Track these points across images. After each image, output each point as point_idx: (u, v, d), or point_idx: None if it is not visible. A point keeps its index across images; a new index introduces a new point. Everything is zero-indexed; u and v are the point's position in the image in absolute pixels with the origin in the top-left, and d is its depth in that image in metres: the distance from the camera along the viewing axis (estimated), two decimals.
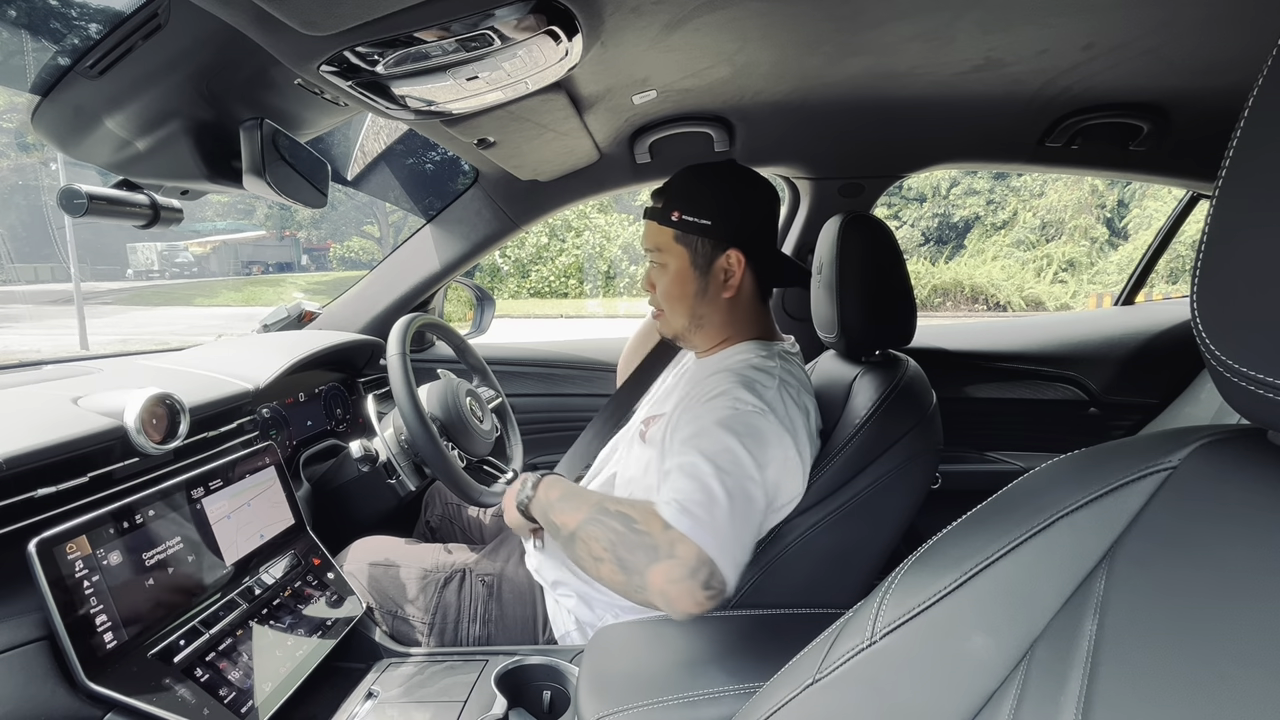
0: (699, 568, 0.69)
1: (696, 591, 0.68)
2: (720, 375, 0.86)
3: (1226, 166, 0.30)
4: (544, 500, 0.85)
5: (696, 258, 0.91)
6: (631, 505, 0.77)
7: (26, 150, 13.72)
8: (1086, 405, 1.66)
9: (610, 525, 0.75)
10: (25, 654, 0.67)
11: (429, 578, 1.04)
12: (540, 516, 0.86)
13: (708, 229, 0.90)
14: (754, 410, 0.80)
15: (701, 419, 0.80)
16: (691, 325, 0.95)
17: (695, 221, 0.89)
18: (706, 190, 0.91)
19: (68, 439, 0.76)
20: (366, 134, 1.45)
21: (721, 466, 0.75)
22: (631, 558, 0.72)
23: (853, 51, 0.99)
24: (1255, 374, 0.29)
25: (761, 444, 0.78)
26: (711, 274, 0.92)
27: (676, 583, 0.69)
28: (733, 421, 0.78)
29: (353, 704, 0.86)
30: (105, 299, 15.15)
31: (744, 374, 0.85)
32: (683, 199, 0.90)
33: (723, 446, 0.76)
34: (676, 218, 0.90)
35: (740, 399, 0.81)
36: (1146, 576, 0.32)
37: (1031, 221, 15.94)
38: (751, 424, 0.79)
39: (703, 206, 0.89)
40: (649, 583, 0.70)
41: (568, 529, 0.79)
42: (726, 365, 0.89)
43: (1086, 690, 0.31)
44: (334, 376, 1.44)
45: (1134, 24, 0.90)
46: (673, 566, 0.69)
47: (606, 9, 0.74)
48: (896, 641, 0.40)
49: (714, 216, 0.89)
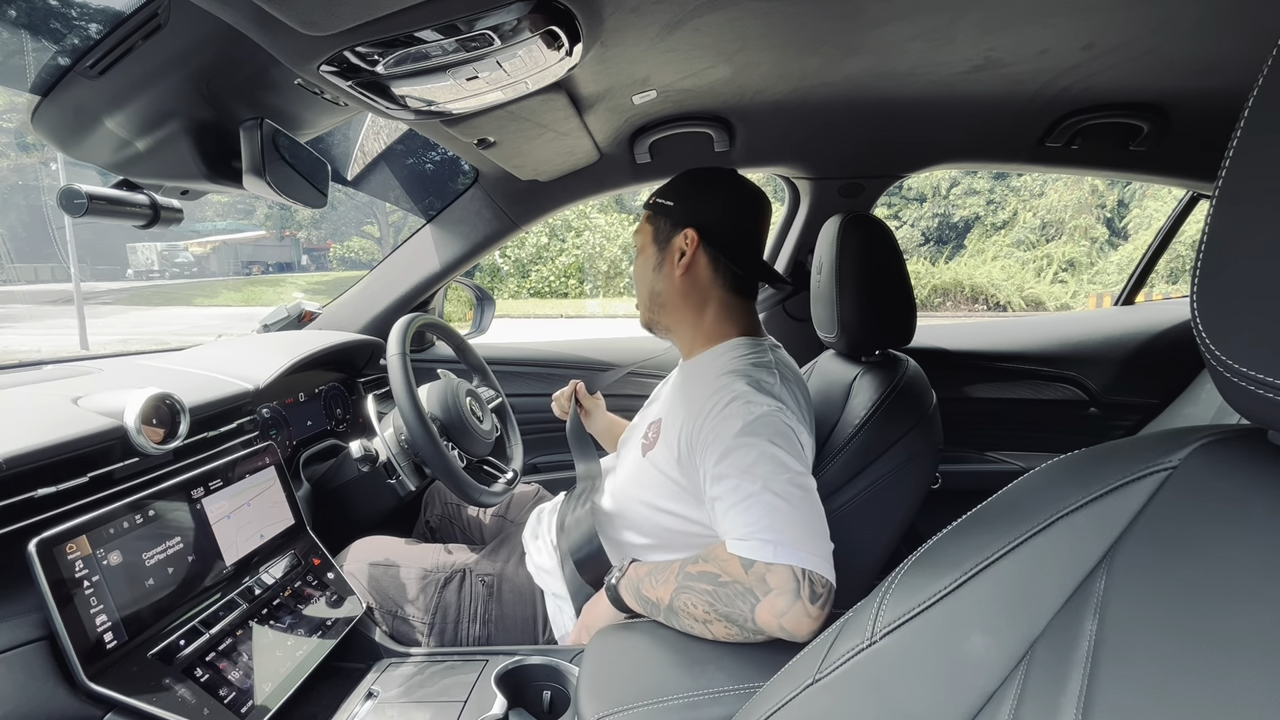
0: (799, 586, 0.68)
1: (808, 608, 0.68)
2: (722, 378, 0.84)
3: (1226, 166, 0.30)
4: (634, 579, 0.84)
5: (658, 234, 0.97)
6: (707, 559, 0.76)
7: (26, 150, 13.73)
8: (1086, 405, 1.66)
9: (700, 588, 0.74)
10: (25, 654, 0.67)
11: (429, 578, 1.04)
12: (633, 598, 0.84)
13: (669, 209, 0.96)
14: (770, 410, 0.79)
15: (721, 434, 0.79)
16: (652, 303, 0.99)
17: (661, 203, 0.97)
18: (683, 181, 0.98)
19: (68, 439, 0.76)
20: (366, 134, 1.45)
21: (765, 476, 0.74)
22: (734, 610, 0.71)
23: (853, 51, 0.99)
24: (1255, 374, 0.29)
25: (790, 440, 0.78)
26: (668, 250, 0.95)
27: (786, 612, 0.68)
28: (756, 425, 0.78)
29: (353, 704, 0.86)
30: (105, 299, 15.16)
31: (746, 373, 0.84)
32: (664, 189, 0.98)
33: (757, 455, 0.76)
34: (653, 200, 0.99)
35: (751, 401, 0.80)
36: (1146, 576, 0.32)
37: (1031, 221, 15.95)
38: (772, 423, 0.79)
39: (673, 192, 0.97)
40: (762, 624, 0.70)
41: (664, 604, 0.78)
42: (724, 367, 0.87)
43: (1086, 690, 0.31)
44: (334, 376, 1.44)
45: (1134, 24, 0.90)
46: (775, 600, 0.69)
47: (606, 9, 0.74)
48: (896, 641, 0.40)
49: (677, 199, 0.96)
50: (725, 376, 0.85)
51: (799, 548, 0.70)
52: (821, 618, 0.69)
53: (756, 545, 0.71)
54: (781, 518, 0.72)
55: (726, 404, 0.81)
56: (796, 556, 0.69)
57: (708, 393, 0.84)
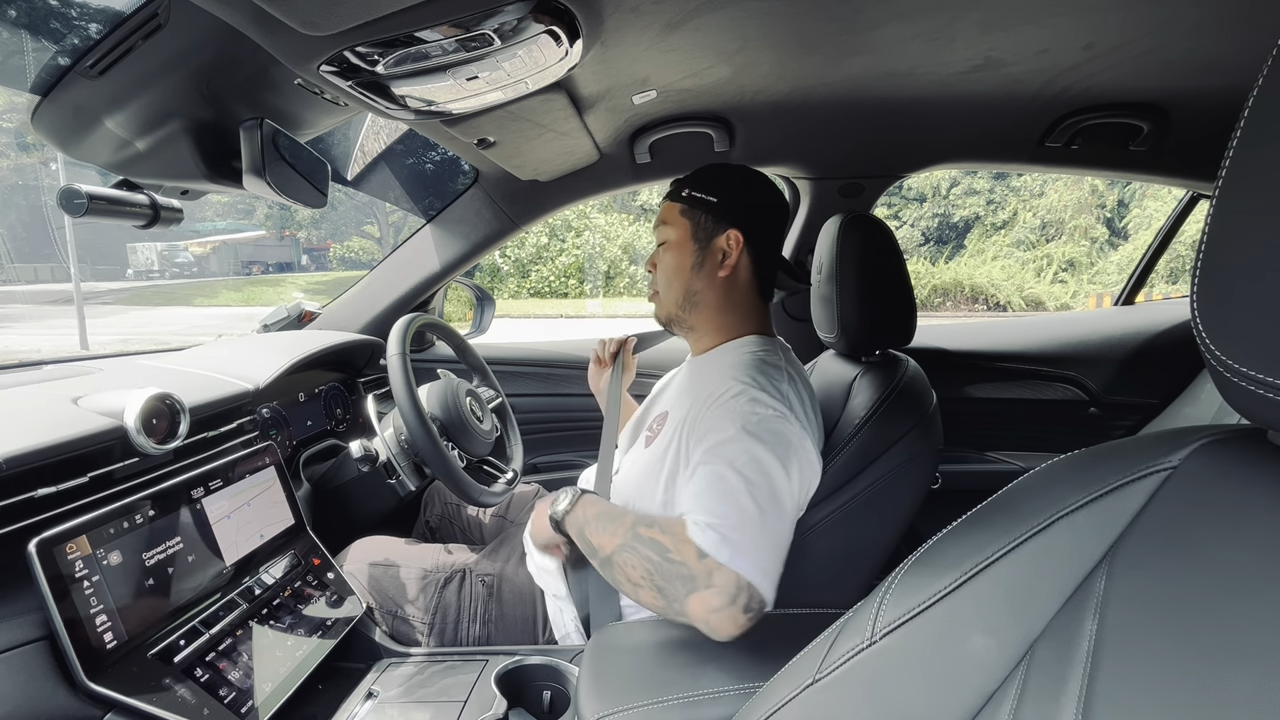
0: (738, 594, 0.69)
1: (738, 616, 0.69)
2: (732, 371, 0.85)
3: (1226, 166, 0.30)
4: (581, 517, 0.84)
5: (698, 230, 0.93)
6: (664, 530, 0.76)
7: (26, 150, 13.73)
8: (1086, 405, 1.66)
9: (645, 554, 0.74)
10: (25, 654, 0.67)
11: (429, 578, 1.04)
12: (575, 533, 0.84)
13: (713, 205, 0.92)
14: (775, 415, 0.79)
15: (723, 423, 0.79)
16: (685, 301, 0.95)
17: (703, 198, 0.93)
18: (721, 174, 0.95)
19: (68, 439, 0.76)
20: (366, 134, 1.45)
21: (751, 479, 0.74)
22: (669, 587, 0.72)
23: (853, 51, 0.99)
24: (1255, 374, 0.29)
25: (787, 448, 0.78)
26: (710, 249, 0.93)
27: (718, 611, 0.69)
28: (758, 428, 0.77)
29: (353, 704, 0.86)
30: (105, 299, 15.16)
31: (757, 370, 0.84)
32: (696, 180, 0.95)
33: (750, 456, 0.75)
34: (686, 194, 0.94)
35: (758, 399, 0.80)
36: (1146, 576, 0.32)
37: (1031, 221, 15.95)
38: (775, 429, 0.78)
39: (713, 186, 0.93)
40: (689, 611, 0.71)
41: (604, 552, 0.78)
42: (735, 361, 0.87)
43: (1086, 690, 0.31)
44: (334, 376, 1.44)
45: (1134, 24, 0.90)
46: (711, 596, 0.69)
47: (606, 9, 0.74)
48: (896, 641, 0.40)
49: (720, 195, 0.93)
50: (736, 370, 0.85)
51: (754, 561, 0.70)
52: (746, 626, 0.70)
53: (716, 540, 0.71)
54: (750, 524, 0.72)
55: (733, 397, 0.81)
56: (748, 569, 0.70)
57: (715, 384, 0.84)
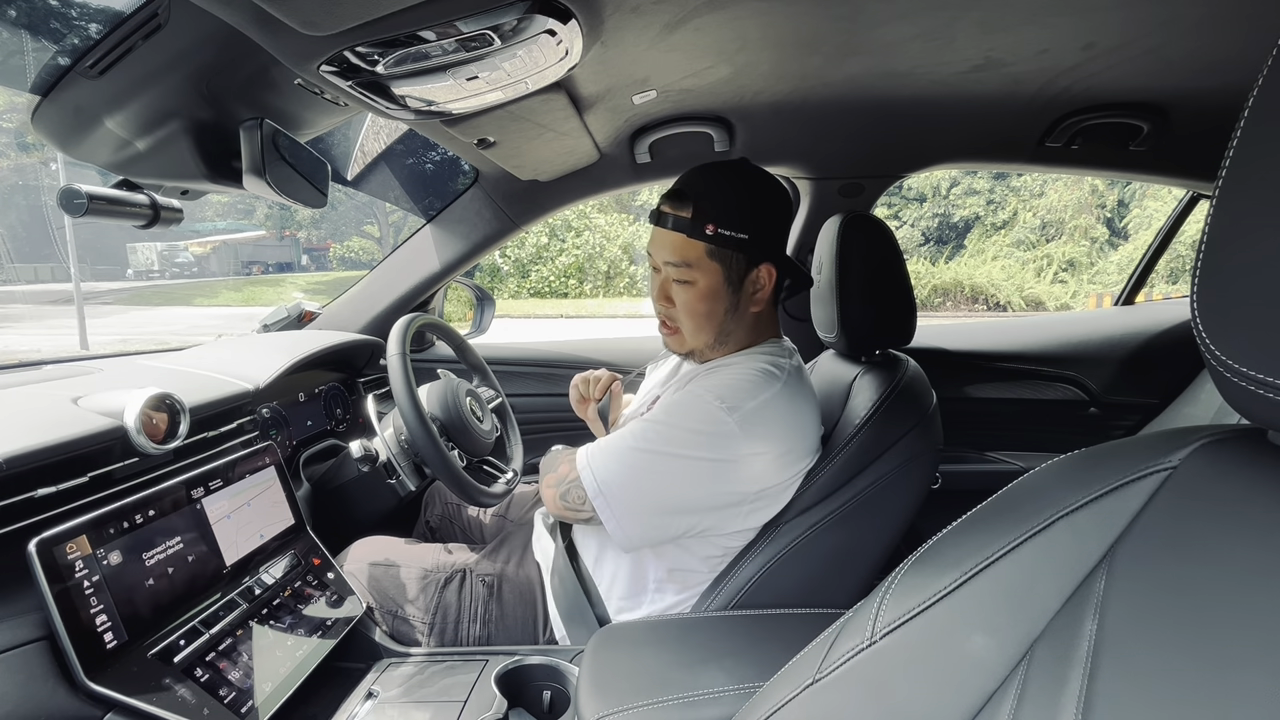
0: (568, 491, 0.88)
1: (564, 506, 0.89)
2: (729, 375, 0.88)
3: (1226, 166, 0.30)
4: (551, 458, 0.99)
5: (730, 274, 0.86)
6: (569, 460, 0.91)
7: (26, 150, 13.74)
8: (1086, 405, 1.66)
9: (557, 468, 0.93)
10: (25, 654, 0.67)
11: (429, 578, 1.04)
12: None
13: (744, 244, 0.84)
14: (729, 424, 0.82)
15: (673, 408, 0.86)
16: (716, 342, 0.92)
17: (733, 236, 0.83)
18: (740, 200, 0.85)
19: (68, 439, 0.76)
20: (366, 134, 1.45)
21: (650, 438, 0.84)
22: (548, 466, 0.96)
23: (853, 51, 0.99)
24: (1255, 374, 0.29)
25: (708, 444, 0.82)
26: (743, 289, 0.87)
27: (551, 488, 0.91)
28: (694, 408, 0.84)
29: (353, 704, 0.86)
30: (105, 299, 15.16)
31: (745, 377, 0.86)
32: (716, 210, 0.83)
33: (660, 429, 0.84)
34: (712, 231, 0.83)
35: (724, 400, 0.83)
36: (1146, 576, 0.32)
37: (1031, 221, 15.94)
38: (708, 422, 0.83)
39: (739, 219, 0.83)
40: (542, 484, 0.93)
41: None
42: (737, 370, 0.89)
43: (1086, 690, 0.31)
44: (334, 376, 1.44)
45: (1134, 24, 0.90)
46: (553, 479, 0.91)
47: (606, 9, 0.74)
48: (896, 641, 0.40)
49: (751, 230, 0.84)
50: (728, 374, 0.87)
51: (595, 471, 0.85)
52: (570, 520, 0.92)
53: (585, 470, 0.86)
54: (627, 466, 0.84)
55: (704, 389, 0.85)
56: (601, 504, 0.84)
57: (704, 381, 0.88)
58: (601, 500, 0.84)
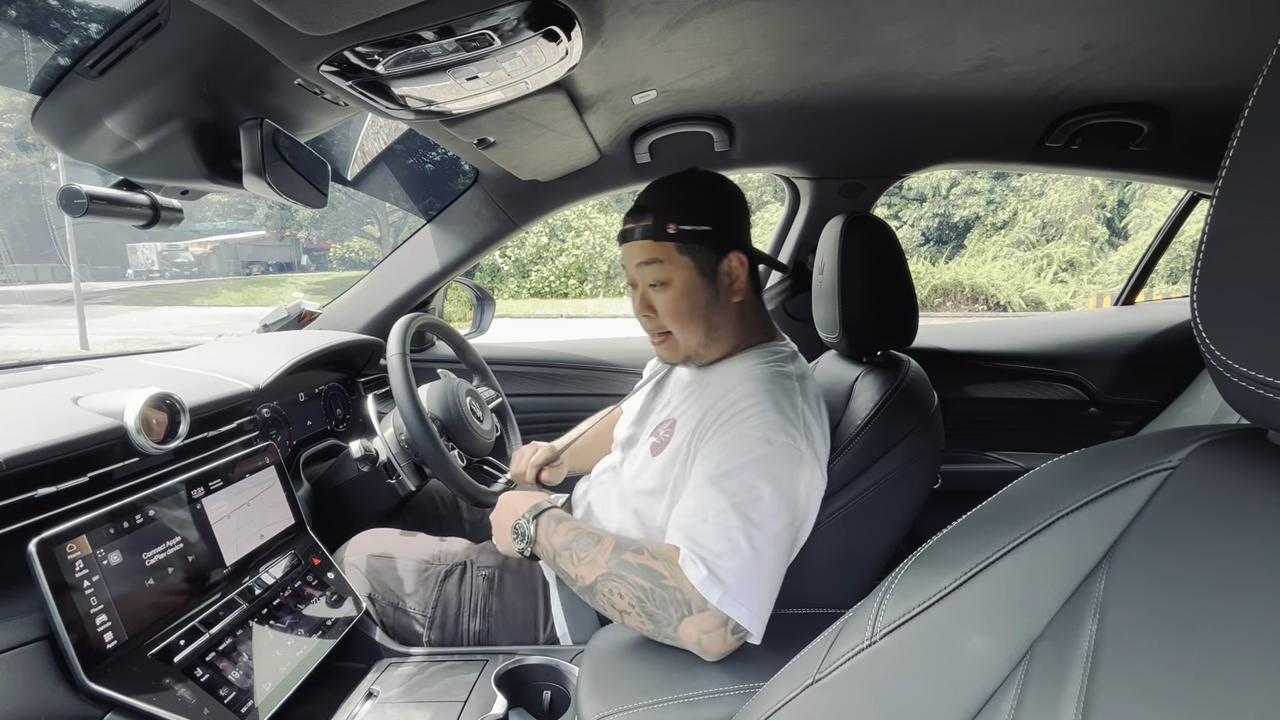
0: (728, 620, 0.71)
1: (729, 638, 0.72)
2: (746, 384, 0.84)
3: (1226, 166, 0.30)
4: (548, 546, 0.82)
5: (702, 265, 0.88)
6: (654, 556, 0.75)
7: (26, 150, 13.75)
8: (1086, 405, 1.66)
9: (635, 582, 0.74)
10: (25, 654, 0.67)
11: (429, 570, 1.04)
12: (548, 561, 0.83)
13: (709, 234, 0.87)
14: (789, 444, 0.77)
15: (736, 446, 0.77)
16: (708, 339, 0.92)
17: (695, 230, 0.87)
18: (695, 197, 0.89)
19: (68, 439, 0.76)
20: (366, 134, 1.45)
21: (750, 518, 0.73)
22: (662, 613, 0.73)
23: (853, 51, 0.99)
24: (1255, 374, 0.29)
25: (794, 481, 0.77)
26: (718, 280, 0.89)
27: (710, 633, 0.71)
28: (769, 461, 0.76)
29: (353, 704, 0.86)
30: (105, 299, 15.17)
31: (772, 382, 0.83)
32: (674, 209, 0.88)
33: (754, 494, 0.74)
34: (674, 229, 0.87)
35: (774, 425, 0.78)
36: (1146, 576, 0.32)
37: (1031, 221, 15.94)
38: (787, 461, 0.77)
39: (698, 214, 0.87)
40: (681, 635, 0.72)
41: (585, 581, 0.78)
42: (747, 372, 0.86)
43: (1086, 690, 0.31)
44: (334, 376, 1.44)
45: (1134, 24, 0.90)
46: (705, 619, 0.71)
47: (606, 9, 0.74)
48: (896, 641, 0.40)
49: (712, 222, 0.88)
50: (752, 384, 0.83)
51: (745, 603, 0.71)
52: (735, 647, 0.73)
53: (709, 580, 0.71)
54: (746, 568, 0.72)
55: (749, 417, 0.79)
56: (740, 612, 0.71)
57: (730, 398, 0.83)
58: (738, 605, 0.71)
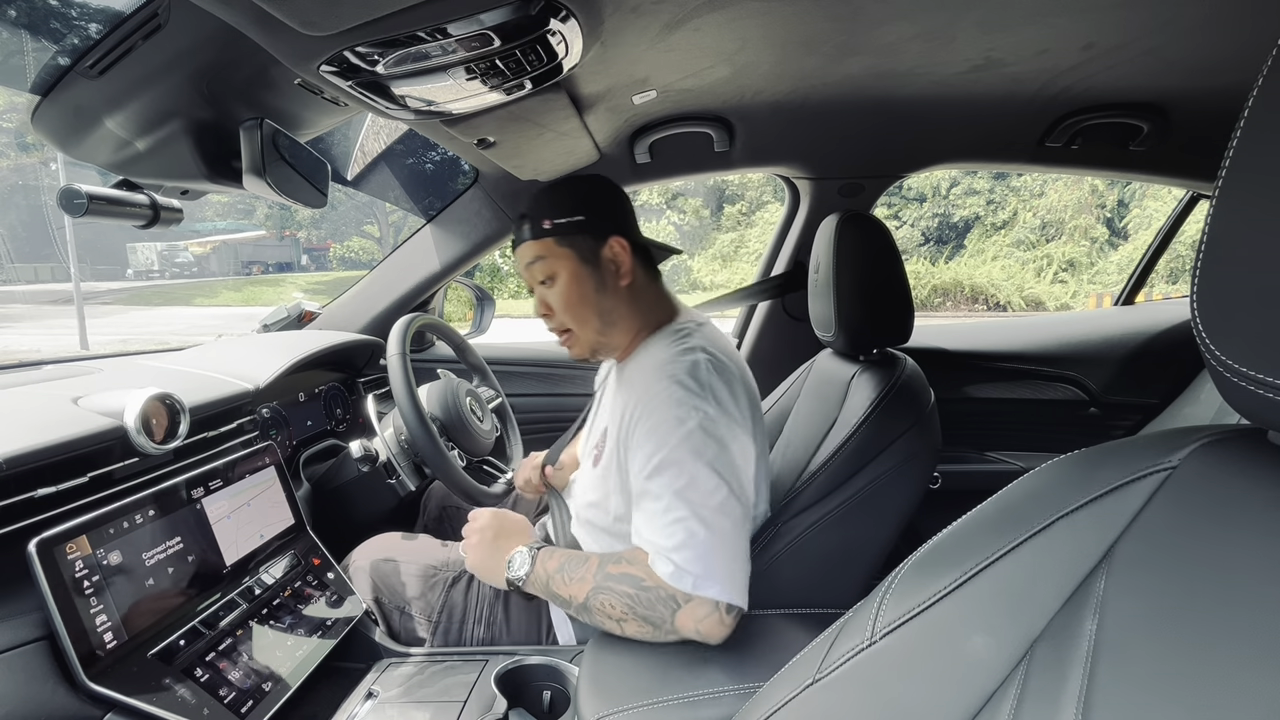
0: (717, 604, 0.75)
1: (725, 619, 0.75)
2: (654, 374, 0.84)
3: (1226, 166, 0.30)
4: (543, 574, 0.85)
5: (584, 253, 0.91)
6: (630, 562, 0.79)
7: (26, 150, 13.75)
8: (1086, 405, 1.66)
9: (620, 590, 0.78)
10: (25, 654, 0.67)
11: (436, 575, 1.04)
12: (541, 591, 0.86)
13: (584, 223, 0.90)
14: (706, 420, 0.79)
15: (657, 443, 0.79)
16: (604, 326, 0.93)
17: (569, 221, 0.90)
18: (563, 194, 0.93)
19: (68, 439, 0.76)
20: (366, 134, 1.45)
21: (695, 502, 0.76)
22: (654, 613, 0.76)
23: (853, 51, 0.99)
24: (1255, 374, 0.29)
25: (720, 451, 0.78)
26: (602, 266, 0.91)
27: (704, 619, 0.75)
28: (693, 442, 0.78)
29: (353, 704, 0.86)
30: (105, 299, 15.17)
31: (677, 368, 0.83)
32: (547, 207, 0.91)
33: (690, 478, 0.77)
34: (549, 224, 0.90)
35: (685, 405, 0.79)
36: (1146, 576, 0.32)
37: (1031, 221, 15.93)
38: (709, 437, 0.78)
39: (569, 206, 0.91)
40: (680, 628, 0.76)
41: (578, 600, 0.81)
42: (655, 362, 0.86)
43: (1086, 689, 0.31)
44: (334, 376, 1.44)
45: (1134, 24, 0.90)
46: (695, 608, 0.75)
47: (606, 9, 0.74)
48: (896, 641, 0.40)
49: (584, 211, 0.91)
50: (655, 372, 0.84)
51: (716, 580, 0.75)
52: (733, 626, 0.76)
53: (676, 573, 0.75)
54: (704, 548, 0.75)
55: (657, 406, 0.81)
56: (714, 590, 0.74)
57: (639, 391, 0.85)
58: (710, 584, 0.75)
